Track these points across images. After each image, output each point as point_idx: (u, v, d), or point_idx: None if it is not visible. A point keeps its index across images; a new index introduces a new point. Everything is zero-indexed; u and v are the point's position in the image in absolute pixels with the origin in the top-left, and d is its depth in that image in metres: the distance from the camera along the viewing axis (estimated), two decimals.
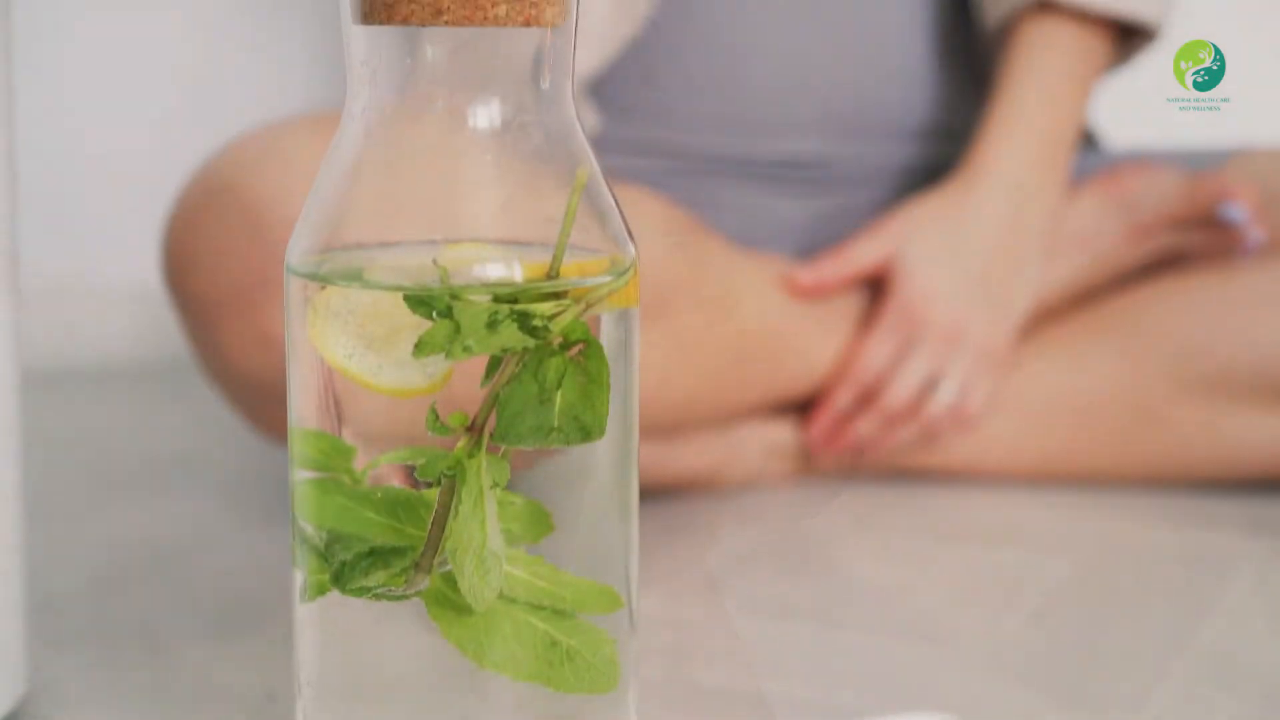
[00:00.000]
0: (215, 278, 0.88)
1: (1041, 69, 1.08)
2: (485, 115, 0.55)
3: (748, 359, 1.04)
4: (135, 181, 1.47)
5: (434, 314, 0.54)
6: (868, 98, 1.12)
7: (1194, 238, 1.11)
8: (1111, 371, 1.07)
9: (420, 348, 0.54)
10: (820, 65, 1.11)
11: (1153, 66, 1.11)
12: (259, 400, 0.91)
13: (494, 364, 0.54)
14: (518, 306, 0.54)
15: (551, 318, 0.55)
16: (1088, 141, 1.22)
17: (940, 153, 1.16)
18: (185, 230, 0.90)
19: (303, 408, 0.57)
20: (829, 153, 1.13)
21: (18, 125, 0.68)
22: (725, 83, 1.10)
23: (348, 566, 0.56)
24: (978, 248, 1.06)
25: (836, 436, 1.08)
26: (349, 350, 0.55)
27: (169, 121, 1.48)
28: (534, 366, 0.54)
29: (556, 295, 0.55)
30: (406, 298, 0.54)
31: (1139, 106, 1.25)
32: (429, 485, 0.56)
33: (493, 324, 0.54)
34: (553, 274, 0.55)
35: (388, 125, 0.56)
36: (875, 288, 1.09)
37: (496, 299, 0.54)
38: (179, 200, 0.93)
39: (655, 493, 1.04)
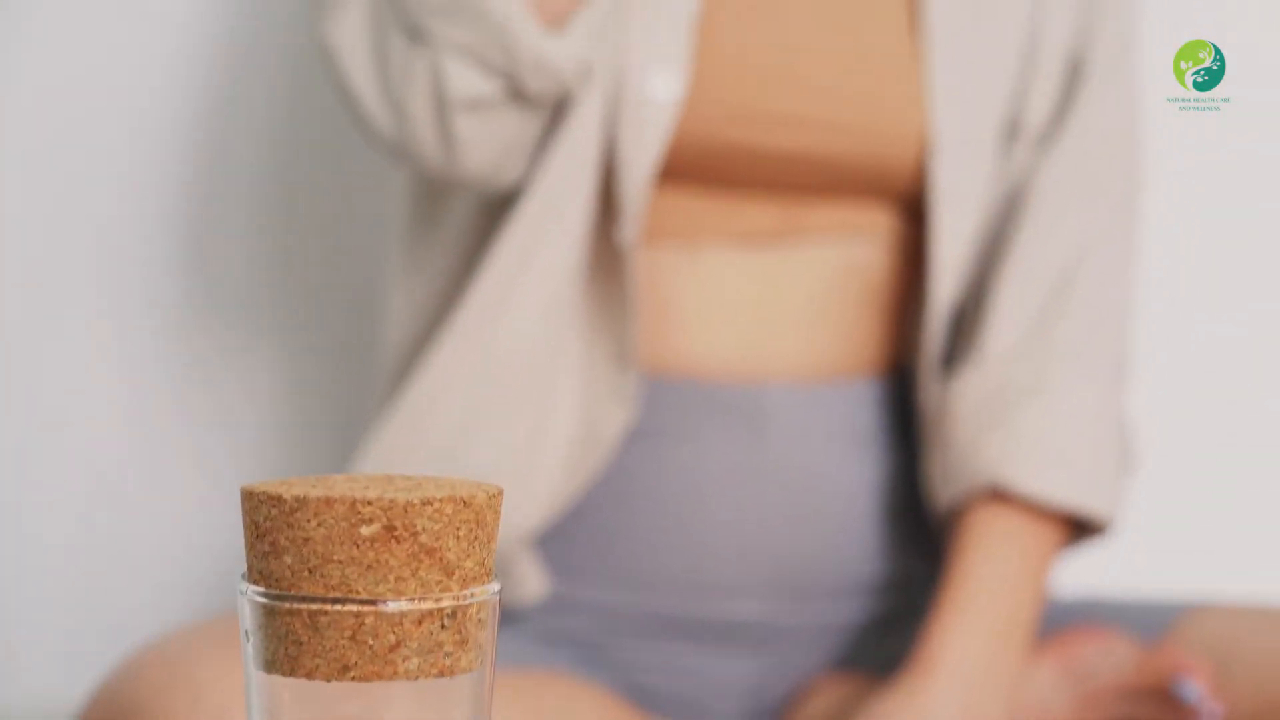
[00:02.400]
0: None
1: (993, 560, 1.05)
2: None
3: None
4: (36, 601, 1.40)
5: None
6: (816, 559, 1.09)
7: (1147, 710, 1.07)
8: None
9: None
10: (768, 528, 1.08)
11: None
12: None
13: None
14: None
15: None
16: None
17: (885, 604, 1.13)
18: None
19: None
20: (776, 613, 1.09)
21: None
22: (672, 546, 1.07)
23: None
24: None
25: None
26: None
27: (73, 536, 1.41)
28: None
29: None
30: None
31: (1092, 553, 1.23)
32: None
33: None
34: None
35: None
36: None
37: None
38: None
39: None
